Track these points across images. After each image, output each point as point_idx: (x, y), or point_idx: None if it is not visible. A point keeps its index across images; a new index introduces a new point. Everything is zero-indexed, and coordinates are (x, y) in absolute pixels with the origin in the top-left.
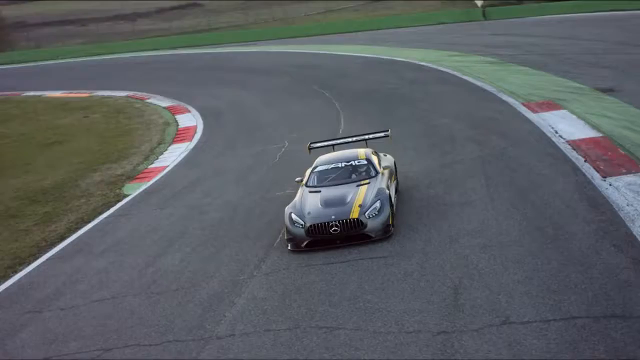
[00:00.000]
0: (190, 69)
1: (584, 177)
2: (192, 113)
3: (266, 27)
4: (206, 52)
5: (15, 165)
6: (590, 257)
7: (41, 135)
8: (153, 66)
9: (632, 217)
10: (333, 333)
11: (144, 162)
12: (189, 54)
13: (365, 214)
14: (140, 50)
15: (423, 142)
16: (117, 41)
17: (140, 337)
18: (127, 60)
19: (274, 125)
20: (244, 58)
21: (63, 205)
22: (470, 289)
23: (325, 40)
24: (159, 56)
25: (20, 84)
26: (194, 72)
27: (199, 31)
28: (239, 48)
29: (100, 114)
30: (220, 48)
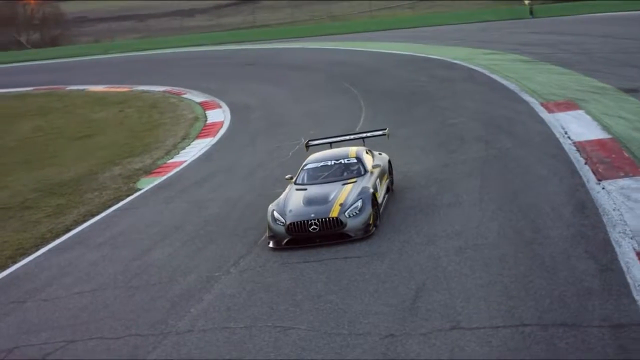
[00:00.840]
0: (231, 65)
1: (580, 179)
2: (223, 109)
3: (317, 24)
4: (251, 48)
5: (43, 158)
6: (560, 263)
7: (74, 128)
8: (196, 62)
9: (614, 222)
10: (286, 332)
11: (164, 156)
12: (233, 49)
13: (345, 213)
14: (188, 46)
15: (432, 140)
16: (172, 36)
17: (106, 330)
18: (172, 55)
19: (297, 122)
20: (286, 54)
21: (77, 198)
22: (432, 292)
23: (369, 38)
24: (205, 52)
25: (67, 77)
26: (234, 68)
27: (250, 27)
28: (284, 44)
29: (135, 109)
30: (268, 44)
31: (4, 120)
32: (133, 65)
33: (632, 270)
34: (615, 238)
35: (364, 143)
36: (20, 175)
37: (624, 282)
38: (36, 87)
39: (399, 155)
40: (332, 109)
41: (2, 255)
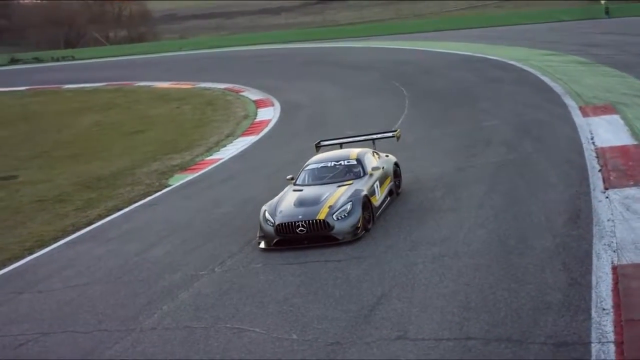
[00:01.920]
0: (293, 63)
1: (587, 187)
2: (275, 107)
3: (401, 22)
4: (321, 46)
5: (92, 152)
6: (531, 275)
7: (130, 124)
8: (263, 59)
9: (603, 234)
10: (240, 334)
11: (204, 153)
12: (300, 47)
13: (333, 216)
14: (261, 44)
15: (458, 143)
16: (256, 33)
17: (80, 324)
18: (242, 53)
19: (338, 121)
20: (351, 53)
21: (109, 193)
22: (393, 300)
23: (437, 37)
24: (274, 50)
25: (138, 74)
26: (296, 66)
27: (335, 25)
28: (356, 43)
29: (192, 106)
30: (341, 43)
31: (70, 115)
32: (202, 62)
33: (600, 286)
34: (597, 250)
35: (374, 144)
36: (66, 168)
37: (587, 298)
38: (109, 82)
39: (420, 157)
40: (376, 109)
41: (22, 247)
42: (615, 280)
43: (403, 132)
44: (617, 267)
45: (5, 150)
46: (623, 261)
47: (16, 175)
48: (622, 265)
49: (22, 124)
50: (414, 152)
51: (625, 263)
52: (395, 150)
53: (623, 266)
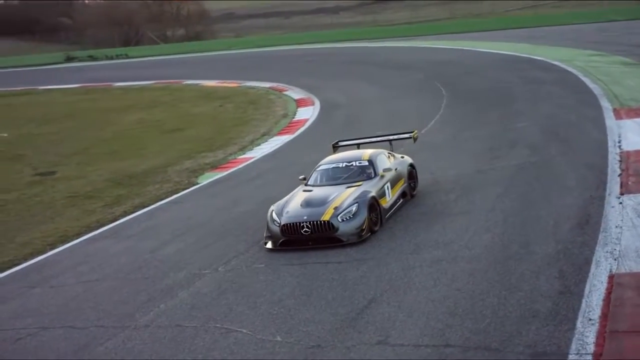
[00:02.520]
0: (339, 63)
1: (602, 192)
2: (314, 106)
3: (449, 22)
4: (367, 46)
5: (130, 149)
6: (525, 282)
7: (171, 122)
8: (309, 58)
9: (607, 241)
10: (227, 335)
11: (237, 152)
12: (348, 47)
13: (338, 217)
14: (309, 43)
15: (484, 145)
16: (310, 32)
17: (80, 319)
18: (289, 52)
19: (373, 121)
20: (395, 53)
21: (138, 190)
22: (383, 303)
23: (486, 37)
24: (320, 49)
25: (188, 72)
26: (341, 65)
27: (390, 25)
28: (405, 43)
29: (235, 104)
30: (388, 42)
31: (116, 112)
32: (250, 61)
33: (592, 295)
34: (598, 258)
35: (391, 145)
36: (102, 165)
37: (576, 307)
38: (158, 80)
39: (443, 159)
40: (412, 109)
41: (45, 242)
42: (608, 290)
43: (434, 132)
44: (613, 275)
45: (49, 146)
46: (622, 270)
47: (55, 171)
48: (619, 274)
49: (69, 121)
50: (439, 154)
51: (623, 272)
52: (419, 152)
53: (620, 275)
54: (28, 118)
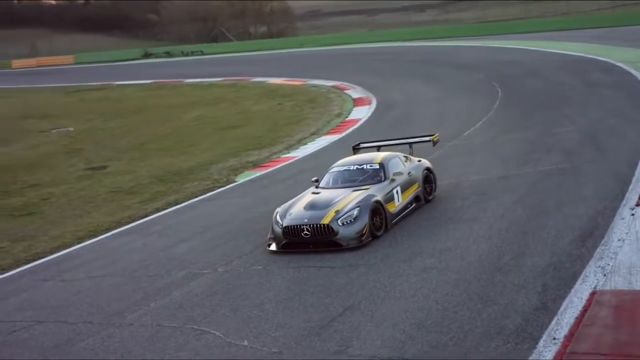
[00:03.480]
0: (405, 62)
1: (618, 203)
2: (370, 106)
3: (543, 19)
4: (437, 45)
5: (183, 146)
6: (503, 295)
7: (228, 119)
8: (376, 57)
9: (604, 255)
10: (199, 337)
11: (282, 151)
12: (418, 46)
13: (338, 221)
14: (382, 41)
15: (520, 149)
16: (386, 30)
17: (73, 314)
18: (359, 50)
19: (423, 122)
20: (464, 53)
21: (176, 187)
22: (357, 312)
23: (557, 37)
24: (390, 47)
25: (257, 69)
26: (406, 64)
27: (478, 22)
28: (475, 42)
29: (294, 102)
30: (459, 41)
31: (179, 109)
32: (320, 59)
33: (566, 313)
34: (587, 273)
35: (411, 148)
36: (153, 161)
37: (545, 325)
38: (227, 77)
39: (472, 163)
40: (463, 110)
41: (75, 236)
42: (585, 308)
43: (476, 135)
44: (596, 292)
45: (108, 141)
46: (607, 286)
47: (106, 166)
48: (602, 291)
49: (134, 116)
50: (471, 158)
51: (607, 289)
52: (453, 155)
53: (603, 292)
54: (97, 113)
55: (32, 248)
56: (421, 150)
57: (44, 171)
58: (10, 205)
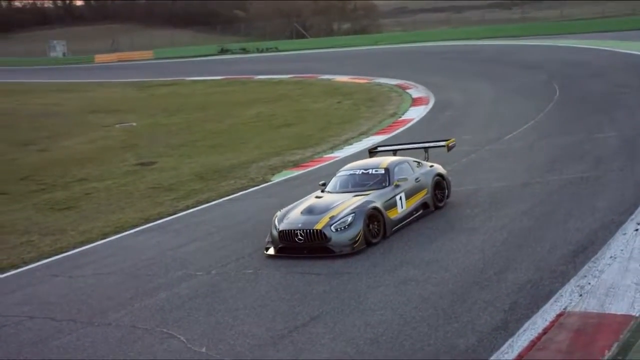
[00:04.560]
0: (471, 61)
1: (628, 216)
2: (427, 106)
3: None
4: (506, 43)
5: (234, 143)
6: (469, 313)
7: (285, 117)
8: (445, 56)
9: (588, 273)
10: (165, 341)
11: (326, 150)
12: (488, 44)
13: (332, 227)
14: (457, 39)
15: (551, 155)
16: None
17: (62, 312)
18: (431, 48)
19: (473, 124)
20: (530, 51)
21: (213, 185)
22: (321, 323)
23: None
24: (460, 46)
25: (327, 67)
26: (472, 63)
27: (559, 20)
28: (547, 41)
29: (353, 101)
30: (534, 40)
31: (241, 106)
32: (391, 57)
33: (525, 334)
34: (563, 291)
35: (426, 153)
36: (200, 158)
37: (497, 347)
38: (295, 75)
39: (499, 169)
40: (514, 113)
41: (101, 232)
42: (545, 330)
43: (516, 139)
44: (564, 313)
45: (165, 136)
46: (578, 307)
47: (155, 162)
48: (570, 313)
49: (197, 112)
50: (500, 163)
51: (576, 310)
52: (486, 160)
53: (571, 314)
54: (162, 108)
55: (57, 242)
56: (453, 154)
57: (95, 165)
58: (53, 199)
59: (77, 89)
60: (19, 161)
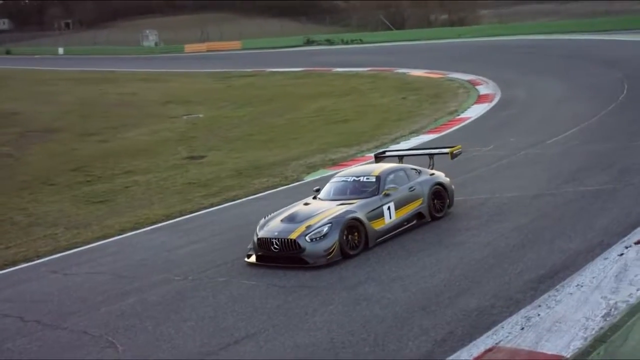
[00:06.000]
0: (551, 56)
1: (620, 237)
2: (490, 104)
3: None
4: (594, 38)
5: (284, 139)
6: (400, 341)
7: (344, 112)
8: (526, 50)
9: (544, 303)
10: (104, 350)
11: (371, 149)
12: (574, 39)
13: (307, 237)
14: (548, 33)
15: (581, 163)
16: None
17: (35, 312)
18: (512, 42)
19: (523, 125)
20: (617, 48)
21: (245, 182)
22: (252, 342)
23: None
24: (543, 40)
25: (404, 60)
26: (551, 59)
27: None
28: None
29: (418, 97)
30: (624, 35)
31: (308, 99)
32: (471, 50)
33: None
34: (506, 323)
35: (431, 160)
36: (248, 153)
37: None
38: (372, 67)
39: (520, 177)
40: (571, 114)
41: (120, 228)
42: None
43: (557, 144)
44: (493, 349)
45: (224, 130)
46: (510, 343)
47: (204, 156)
48: (500, 348)
49: (264, 105)
50: (527, 170)
51: (507, 346)
52: (512, 165)
53: (500, 349)
54: (232, 100)
55: (77, 237)
56: (485, 159)
57: (146, 158)
58: (93, 191)
59: (160, 78)
60: (77, 152)
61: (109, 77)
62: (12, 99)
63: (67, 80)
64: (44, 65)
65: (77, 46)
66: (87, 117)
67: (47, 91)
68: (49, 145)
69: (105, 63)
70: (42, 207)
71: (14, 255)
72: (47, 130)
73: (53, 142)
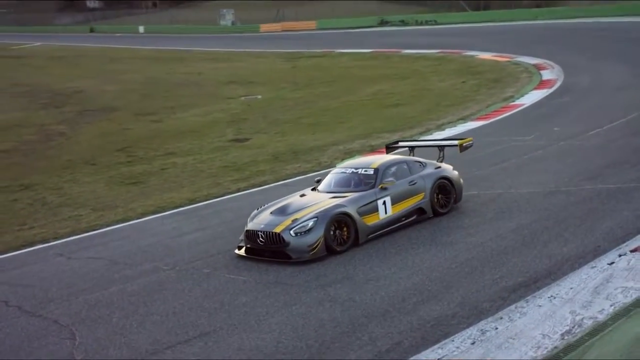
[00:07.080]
0: (623, 40)
1: (616, 244)
2: (549, 90)
3: None
4: None
5: (332, 122)
6: (341, 351)
7: (399, 96)
8: (601, 33)
9: (510, 314)
10: (62, 341)
11: (413, 136)
12: None
13: (291, 231)
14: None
15: (611, 159)
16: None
17: (20, 296)
18: (589, 25)
19: (573, 114)
20: None
21: (278, 167)
22: (201, 342)
23: None
24: (619, 23)
25: (475, 42)
26: (622, 42)
27: None
28: None
29: (479, 81)
30: None
31: (366, 82)
32: (546, 33)
33: None
34: (460, 336)
35: (441, 151)
36: (292, 137)
37: None
38: (441, 50)
39: (547, 171)
40: (626, 102)
41: (140, 212)
42: None
43: (599, 136)
44: None
45: (276, 112)
46: (458, 357)
47: (249, 139)
48: None
49: (323, 87)
50: (554, 164)
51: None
52: (543, 158)
53: None
54: (293, 81)
55: (99, 219)
56: (519, 149)
57: (191, 139)
58: (130, 172)
59: (230, 58)
60: (128, 132)
61: (182, 56)
62: (81, 77)
63: (141, 59)
64: (122, 43)
65: (159, 25)
66: (148, 96)
67: (117, 69)
68: (102, 124)
69: (182, 42)
70: (76, 188)
71: (33, 237)
72: (105, 109)
73: (107, 121)
